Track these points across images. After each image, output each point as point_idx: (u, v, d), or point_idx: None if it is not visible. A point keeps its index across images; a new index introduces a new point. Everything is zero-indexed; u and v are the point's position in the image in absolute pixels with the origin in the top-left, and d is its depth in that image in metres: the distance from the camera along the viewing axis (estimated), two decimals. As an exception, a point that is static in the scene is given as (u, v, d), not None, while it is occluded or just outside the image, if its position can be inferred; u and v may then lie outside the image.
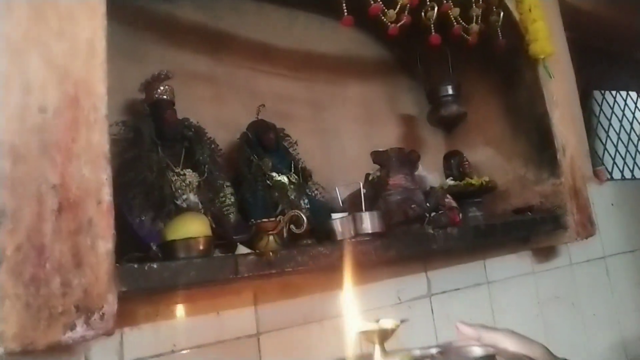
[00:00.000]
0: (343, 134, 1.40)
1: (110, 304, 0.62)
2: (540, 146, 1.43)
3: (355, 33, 1.45)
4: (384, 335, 0.61)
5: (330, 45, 1.42)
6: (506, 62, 1.46)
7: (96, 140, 0.64)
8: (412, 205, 1.09)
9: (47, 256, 0.58)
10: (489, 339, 0.67)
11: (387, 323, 0.62)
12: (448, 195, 1.17)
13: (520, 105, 1.48)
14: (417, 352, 0.66)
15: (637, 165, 2.28)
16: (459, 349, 0.63)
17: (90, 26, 0.69)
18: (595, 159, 2.16)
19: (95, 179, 0.63)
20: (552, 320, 1.47)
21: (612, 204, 1.83)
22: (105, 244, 0.62)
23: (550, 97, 1.40)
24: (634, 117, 2.52)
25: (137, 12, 1.09)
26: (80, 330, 0.59)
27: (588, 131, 2.01)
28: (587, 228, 1.41)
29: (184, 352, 0.84)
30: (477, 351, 0.60)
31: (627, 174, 2.26)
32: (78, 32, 0.67)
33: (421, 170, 1.49)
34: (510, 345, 0.65)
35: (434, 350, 0.65)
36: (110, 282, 0.62)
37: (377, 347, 0.60)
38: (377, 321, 0.63)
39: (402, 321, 0.63)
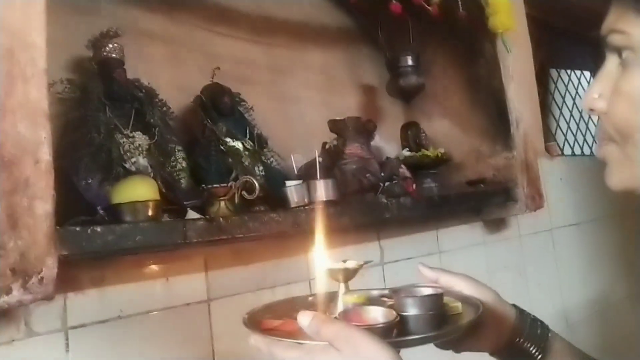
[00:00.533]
0: (302, 100, 1.38)
1: (50, 268, 0.59)
2: (496, 120, 1.45)
3: (317, -1, 1.42)
4: (348, 275, 0.64)
5: (291, 10, 1.38)
6: (466, 35, 1.46)
7: (34, 95, 0.61)
8: (367, 175, 1.09)
9: (-21, 216, 0.55)
10: (445, 281, 0.71)
11: (351, 264, 0.66)
12: (402, 166, 1.18)
13: (479, 78, 1.49)
14: (375, 292, 0.69)
15: (587, 142, 2.35)
16: (410, 289, 0.66)
17: (30, -28, 0.64)
18: (549, 135, 2.23)
19: (33, 136, 0.60)
20: (500, 289, 1.50)
21: (561, 179, 1.89)
22: (43, 205, 0.60)
23: (507, 72, 1.41)
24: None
25: (86, -36, 1.03)
26: (17, 294, 0.57)
27: (543, 108, 2.06)
28: (537, 201, 1.45)
29: (131, 317, 0.82)
30: (425, 290, 0.63)
31: (577, 151, 2.34)
32: (15, -20, 0.62)
33: (378, 141, 1.50)
34: (464, 288, 0.69)
35: (387, 291, 0.69)
36: (50, 245, 0.60)
37: (342, 285, 0.63)
38: (344, 262, 0.66)
39: (366, 262, 0.66)
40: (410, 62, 1.46)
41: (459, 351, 0.71)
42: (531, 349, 0.69)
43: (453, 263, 1.41)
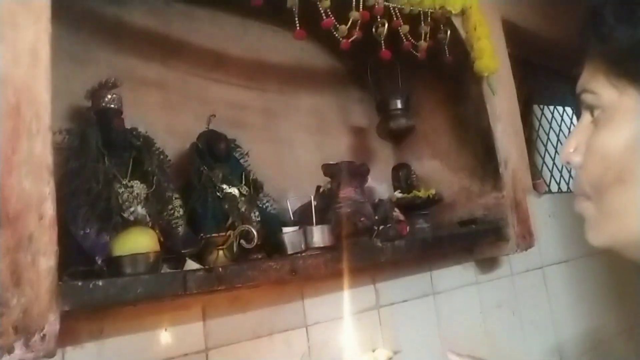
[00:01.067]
0: (295, 143, 1.40)
1: (52, 324, 0.59)
2: (484, 159, 1.48)
3: (307, 44, 1.46)
4: None
5: (282, 55, 1.42)
6: (453, 77, 1.50)
7: (38, 151, 0.62)
8: (362, 218, 1.10)
9: (-18, 275, 0.55)
10: None
11: (382, 354, 0.68)
12: (396, 209, 1.19)
13: (466, 119, 1.53)
14: None
15: (572, 177, 2.40)
16: None
17: (34, 31, 0.66)
18: (535, 172, 2.27)
19: (37, 192, 0.60)
20: (494, 328, 1.53)
21: (550, 215, 1.92)
22: (47, 260, 0.60)
23: (493, 112, 1.45)
24: (569, 131, 2.66)
25: (84, 15, 1.06)
26: (19, 352, 0.56)
27: (528, 144, 2.10)
28: (527, 239, 1.47)
29: (129, 369, 0.81)
30: None
31: (564, 187, 2.38)
32: (20, 37, 0.64)
33: (370, 182, 1.52)
34: None
35: None
36: (52, 300, 0.60)
37: None
38: (373, 351, 0.69)
39: (396, 352, 0.70)
40: (399, 105, 1.50)
41: None
42: None
43: (447, 303, 1.41)
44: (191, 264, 0.82)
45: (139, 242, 0.75)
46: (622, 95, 0.47)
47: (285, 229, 0.95)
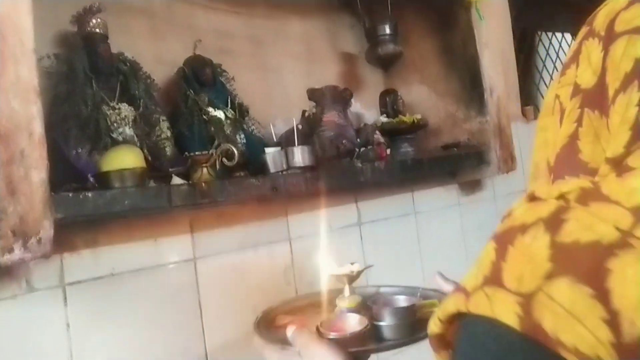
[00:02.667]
0: (283, 70, 1.43)
1: (47, 230, 0.66)
2: (470, 86, 1.51)
3: (296, -32, 1.45)
4: (352, 278, 0.78)
5: (270, -21, 1.42)
6: (442, 4, 1.50)
7: (24, 74, 0.66)
8: (344, 141, 1.16)
9: (-19, 185, 0.61)
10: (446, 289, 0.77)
11: (355, 268, 0.77)
12: (377, 132, 1.24)
13: (454, 46, 1.54)
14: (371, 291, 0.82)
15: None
16: (388, 298, 0.76)
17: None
18: (530, 98, 2.29)
19: (25, 112, 0.65)
20: (474, 248, 1.61)
21: (537, 142, 1.95)
22: (38, 173, 0.66)
23: (480, 39, 1.46)
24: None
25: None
26: (18, 253, 0.64)
27: (527, 71, 2.10)
28: (509, 163, 1.52)
29: (123, 275, 0.90)
30: (402, 301, 0.72)
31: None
32: (1, -37, 0.67)
33: (359, 108, 1.56)
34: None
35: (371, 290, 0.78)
36: (46, 209, 0.66)
37: (346, 287, 0.77)
38: (352, 264, 0.77)
39: (368, 267, 0.78)
40: (388, 30, 1.50)
41: None
42: None
43: (428, 223, 1.49)
44: (177, 181, 0.88)
45: (126, 158, 0.81)
46: None
47: (268, 150, 1.01)
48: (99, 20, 0.98)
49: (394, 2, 1.52)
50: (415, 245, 1.44)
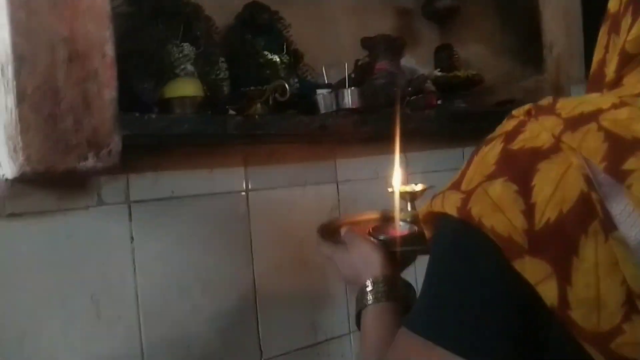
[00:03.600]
0: (339, 22, 1.45)
1: (116, 143, 0.74)
2: (528, 41, 1.48)
3: None
4: (414, 196, 0.84)
5: None
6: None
7: (99, 1, 0.73)
8: (395, 88, 1.18)
9: (61, 97, 0.69)
10: None
11: (418, 187, 0.82)
12: (429, 81, 1.25)
13: (512, 1, 1.51)
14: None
15: None
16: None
17: None
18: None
19: (99, 34, 0.72)
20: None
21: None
22: (110, 92, 0.73)
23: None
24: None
25: None
26: (91, 161, 0.72)
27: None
28: (565, 123, 1.49)
29: (181, 198, 0.97)
30: (404, 229, 0.78)
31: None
32: None
33: (414, 63, 1.56)
34: None
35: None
36: (115, 124, 0.74)
37: (408, 204, 0.83)
38: (416, 184, 0.83)
39: (430, 187, 0.82)
40: (445, -16, 1.49)
41: None
42: None
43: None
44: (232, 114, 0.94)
45: (187, 87, 0.87)
46: None
47: (319, 91, 1.05)
48: (165, -35, 1.04)
49: (453, -46, 1.50)
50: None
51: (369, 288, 0.68)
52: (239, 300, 1.05)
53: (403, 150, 1.34)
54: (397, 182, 0.85)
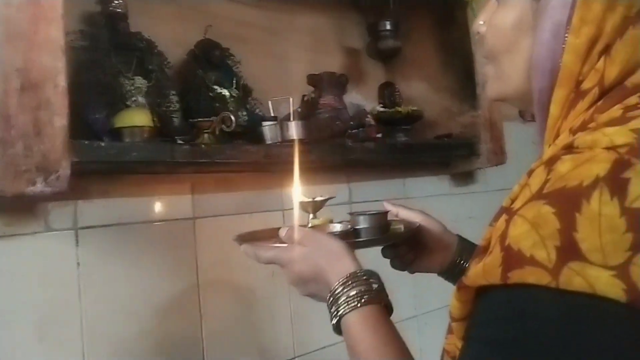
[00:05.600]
0: (290, 59, 1.53)
1: (65, 169, 0.77)
2: (465, 81, 1.60)
3: (307, -34, 1.56)
4: (316, 207, 0.84)
5: (283, -24, 1.52)
6: (442, 3, 1.60)
7: (54, 34, 0.78)
8: (337, 122, 1.26)
9: (12, 124, 0.73)
10: (404, 214, 0.87)
11: (319, 198, 0.84)
12: (369, 116, 1.34)
13: (452, 43, 1.63)
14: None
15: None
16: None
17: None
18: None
19: (53, 66, 0.77)
20: (466, 235, 1.69)
21: (533, 142, 2.03)
22: (60, 120, 0.77)
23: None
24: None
25: None
26: (40, 186, 0.75)
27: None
28: (498, 156, 1.61)
29: (129, 225, 1.01)
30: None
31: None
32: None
33: (360, 99, 1.66)
34: (418, 219, 0.85)
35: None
36: (65, 151, 0.78)
37: (311, 215, 0.83)
38: (314, 198, 0.85)
39: (331, 197, 0.85)
40: (388, 26, 1.60)
41: (412, 272, 0.87)
42: None
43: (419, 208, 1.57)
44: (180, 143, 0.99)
45: (137, 117, 0.92)
46: None
47: (265, 123, 1.11)
48: (120, 1, 1.10)
49: (397, 0, 1.62)
50: (404, 228, 1.53)
51: (342, 286, 0.60)
52: (187, 326, 1.08)
53: (347, 180, 1.43)
54: (297, 193, 0.84)
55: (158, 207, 1.05)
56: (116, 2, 1.09)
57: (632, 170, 0.39)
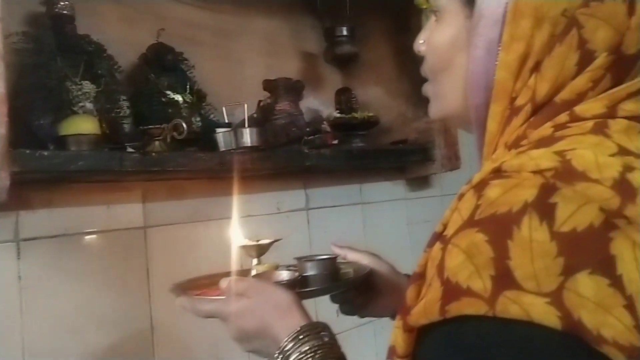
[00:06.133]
0: (245, 63, 1.51)
1: (3, 180, 0.73)
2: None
3: (263, -31, 1.55)
4: (261, 250, 0.80)
5: (237, -23, 1.50)
6: (397, 9, 1.61)
7: (-9, 40, 0.74)
8: (293, 128, 1.25)
9: (-56, 134, 0.68)
10: (352, 257, 0.85)
11: (264, 240, 0.80)
12: (325, 122, 1.33)
13: (407, 49, 1.63)
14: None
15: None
16: (311, 256, 0.82)
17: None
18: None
19: (-10, 72, 0.73)
20: (420, 240, 1.70)
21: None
22: (-1, 129, 0.73)
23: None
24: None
25: None
26: (-24, 198, 0.71)
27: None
28: (453, 161, 1.63)
29: (75, 236, 0.97)
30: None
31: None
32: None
33: (317, 104, 1.66)
34: (366, 261, 0.83)
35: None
36: (4, 162, 0.74)
37: (255, 260, 0.79)
38: (257, 241, 0.81)
39: (277, 239, 0.81)
40: (345, 32, 1.61)
41: (363, 316, 0.85)
42: None
43: (375, 214, 1.59)
44: (131, 151, 0.96)
45: (83, 125, 0.88)
46: (450, 0, 0.59)
47: (219, 129, 1.09)
48: (67, 2, 1.05)
49: (353, 5, 1.63)
50: (361, 234, 1.54)
51: (293, 342, 0.57)
52: (136, 339, 1.05)
53: (304, 186, 1.42)
54: (238, 235, 0.81)
55: (107, 216, 1.01)
56: (62, 3, 1.05)
57: (558, 194, 0.39)
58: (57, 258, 0.94)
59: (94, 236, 0.99)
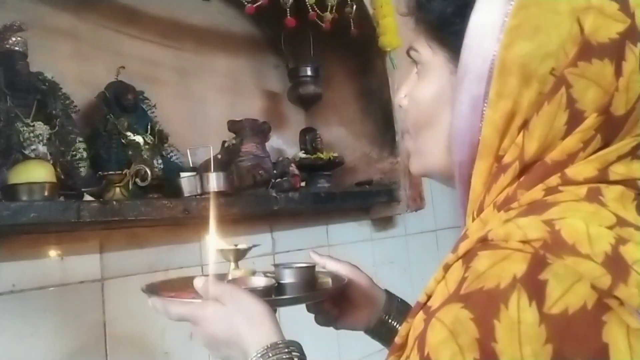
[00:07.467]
0: (207, 102, 1.47)
1: (-56, 236, 0.66)
2: (384, 129, 1.62)
3: (224, 7, 1.53)
4: (238, 255, 0.77)
5: (199, 16, 1.47)
6: (361, 50, 1.62)
7: None
8: (260, 171, 1.21)
9: None
10: (330, 266, 0.82)
11: (241, 245, 0.77)
12: (293, 165, 1.30)
13: (371, 90, 1.65)
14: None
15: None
16: (289, 264, 0.78)
17: None
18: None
19: None
20: (385, 281, 1.67)
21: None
22: (-60, 179, 0.66)
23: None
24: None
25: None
26: None
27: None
28: (417, 202, 1.63)
29: (24, 292, 0.88)
30: (301, 264, 0.75)
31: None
32: None
33: (281, 144, 1.63)
34: (345, 272, 0.81)
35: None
36: (-55, 215, 0.66)
37: (232, 264, 0.76)
38: (235, 245, 0.78)
39: (254, 245, 0.78)
40: (309, 72, 1.59)
41: (338, 328, 0.82)
42: (397, 325, 0.78)
43: (341, 255, 1.53)
44: (88, 199, 0.89)
45: (35, 172, 0.81)
46: (434, 54, 0.57)
47: (183, 174, 1.04)
48: (19, 38, 0.99)
49: (317, 45, 1.62)
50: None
51: (262, 358, 0.55)
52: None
53: (270, 230, 1.38)
54: (215, 238, 0.77)
55: (61, 268, 0.93)
56: (14, 39, 0.98)
57: (549, 271, 0.38)
58: (5, 316, 0.85)
59: (47, 292, 0.91)
